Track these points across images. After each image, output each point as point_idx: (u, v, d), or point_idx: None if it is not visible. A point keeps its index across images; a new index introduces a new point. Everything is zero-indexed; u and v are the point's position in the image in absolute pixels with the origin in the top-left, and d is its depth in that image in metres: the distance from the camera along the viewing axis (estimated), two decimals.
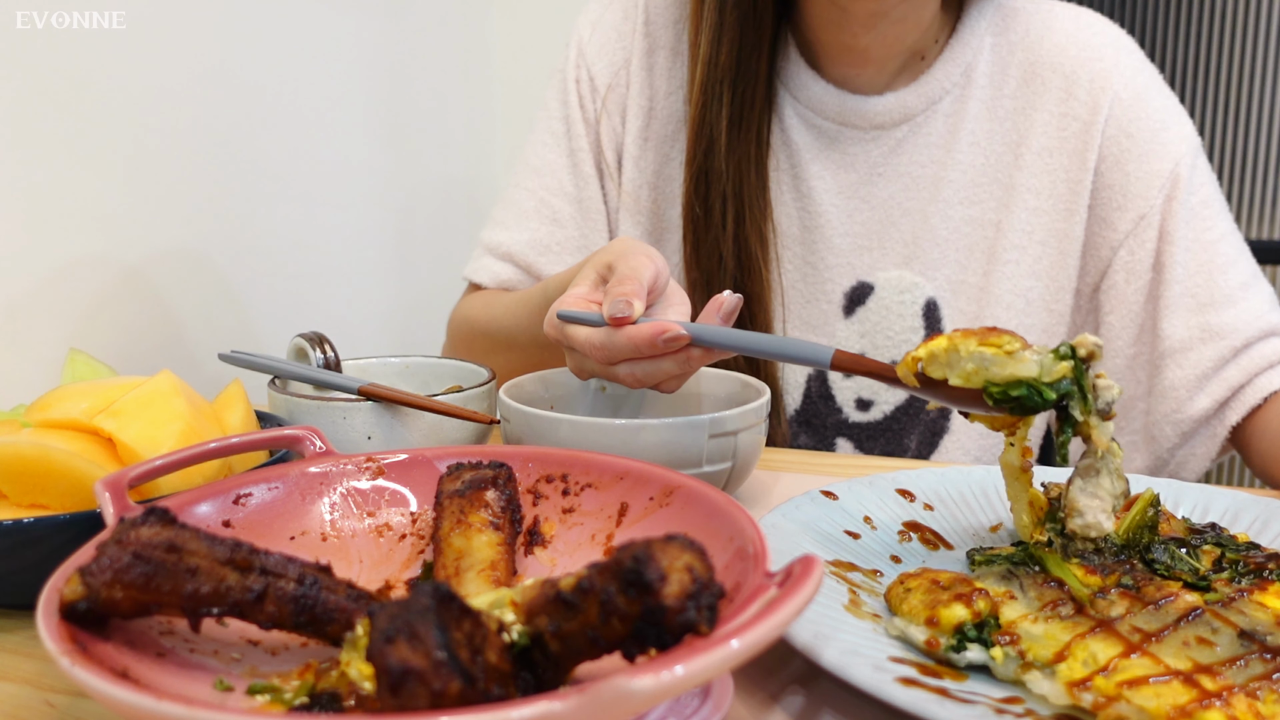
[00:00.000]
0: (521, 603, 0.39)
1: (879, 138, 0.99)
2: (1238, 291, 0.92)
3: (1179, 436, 0.92)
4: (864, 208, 0.99)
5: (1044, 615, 0.51)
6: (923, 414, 0.99)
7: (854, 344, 1.00)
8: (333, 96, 1.40)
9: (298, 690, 0.43)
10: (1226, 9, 2.27)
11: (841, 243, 1.00)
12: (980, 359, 0.54)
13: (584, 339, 0.68)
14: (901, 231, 0.99)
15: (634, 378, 0.68)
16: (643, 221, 1.04)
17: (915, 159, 0.99)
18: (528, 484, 0.57)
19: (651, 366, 0.68)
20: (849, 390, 1.01)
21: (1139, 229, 0.94)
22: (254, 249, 1.25)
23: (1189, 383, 0.91)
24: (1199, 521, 0.63)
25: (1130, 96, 0.95)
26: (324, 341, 0.81)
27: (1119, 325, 0.95)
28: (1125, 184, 0.94)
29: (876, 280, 0.99)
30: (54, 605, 0.40)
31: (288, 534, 0.54)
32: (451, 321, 1.09)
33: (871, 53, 0.96)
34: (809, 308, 1.01)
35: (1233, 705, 0.43)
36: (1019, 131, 0.98)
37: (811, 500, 0.64)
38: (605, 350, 0.67)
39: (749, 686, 0.50)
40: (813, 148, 1.00)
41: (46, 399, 0.64)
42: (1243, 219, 2.31)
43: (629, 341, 0.66)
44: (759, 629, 0.33)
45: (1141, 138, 0.94)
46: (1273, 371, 0.89)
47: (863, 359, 0.61)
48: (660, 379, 0.69)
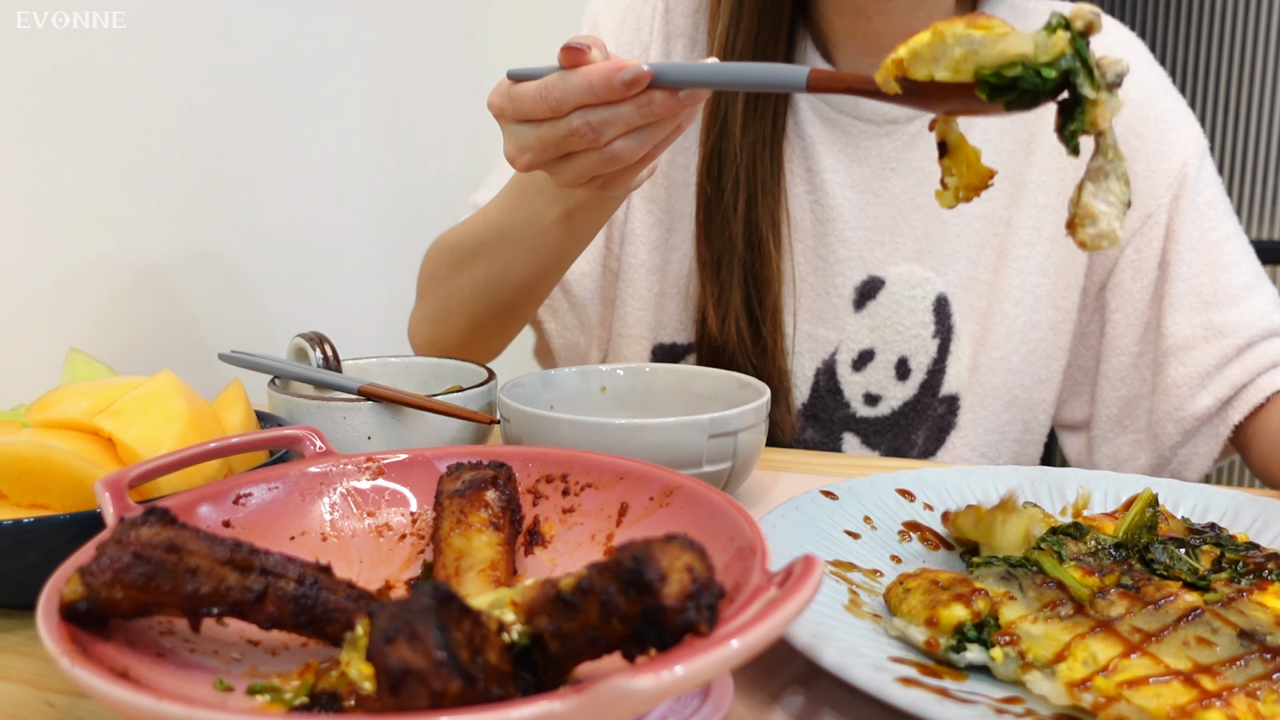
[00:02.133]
0: (521, 603, 0.39)
1: (893, 132, 0.99)
2: (1242, 291, 0.92)
3: (1181, 435, 0.92)
4: (876, 202, 0.99)
5: (1044, 615, 0.51)
6: (930, 410, 0.99)
7: (864, 338, 1.00)
8: (333, 96, 1.40)
9: (298, 690, 0.43)
10: (1227, 9, 2.27)
11: (853, 236, 1.00)
12: (969, 42, 0.49)
13: (533, 91, 0.62)
14: (913, 227, 0.99)
15: (589, 126, 0.61)
16: (655, 211, 1.04)
17: (929, 154, 0.98)
18: (528, 484, 0.57)
19: (609, 113, 0.61)
20: (857, 385, 1.01)
21: (1146, 227, 0.94)
22: (254, 249, 1.25)
23: (1192, 380, 0.91)
24: (1198, 521, 0.63)
25: (1140, 97, 0.95)
26: (324, 341, 0.81)
27: (1124, 323, 0.96)
28: (1133, 183, 0.94)
29: (887, 275, 0.99)
30: (54, 605, 0.40)
31: (288, 534, 0.54)
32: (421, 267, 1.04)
33: (883, 40, 0.95)
34: (819, 300, 1.01)
35: (1233, 705, 0.43)
36: (1029, 129, 0.98)
37: (811, 500, 0.64)
38: (556, 96, 0.61)
39: (749, 686, 0.50)
40: (826, 140, 0.99)
41: (46, 399, 0.64)
42: (1244, 219, 2.31)
43: (583, 80, 0.60)
44: (759, 629, 0.33)
45: (1150, 137, 0.95)
46: (1275, 371, 0.89)
47: (838, 74, 0.56)
48: (619, 130, 0.62)
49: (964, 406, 0.99)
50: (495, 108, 0.66)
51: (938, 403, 0.99)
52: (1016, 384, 0.98)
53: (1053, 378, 0.99)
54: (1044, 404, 1.00)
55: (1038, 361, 0.99)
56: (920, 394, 0.99)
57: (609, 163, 0.64)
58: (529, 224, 0.85)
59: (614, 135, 0.62)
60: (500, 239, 0.88)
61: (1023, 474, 0.70)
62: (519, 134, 0.65)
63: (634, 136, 0.63)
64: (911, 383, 1.00)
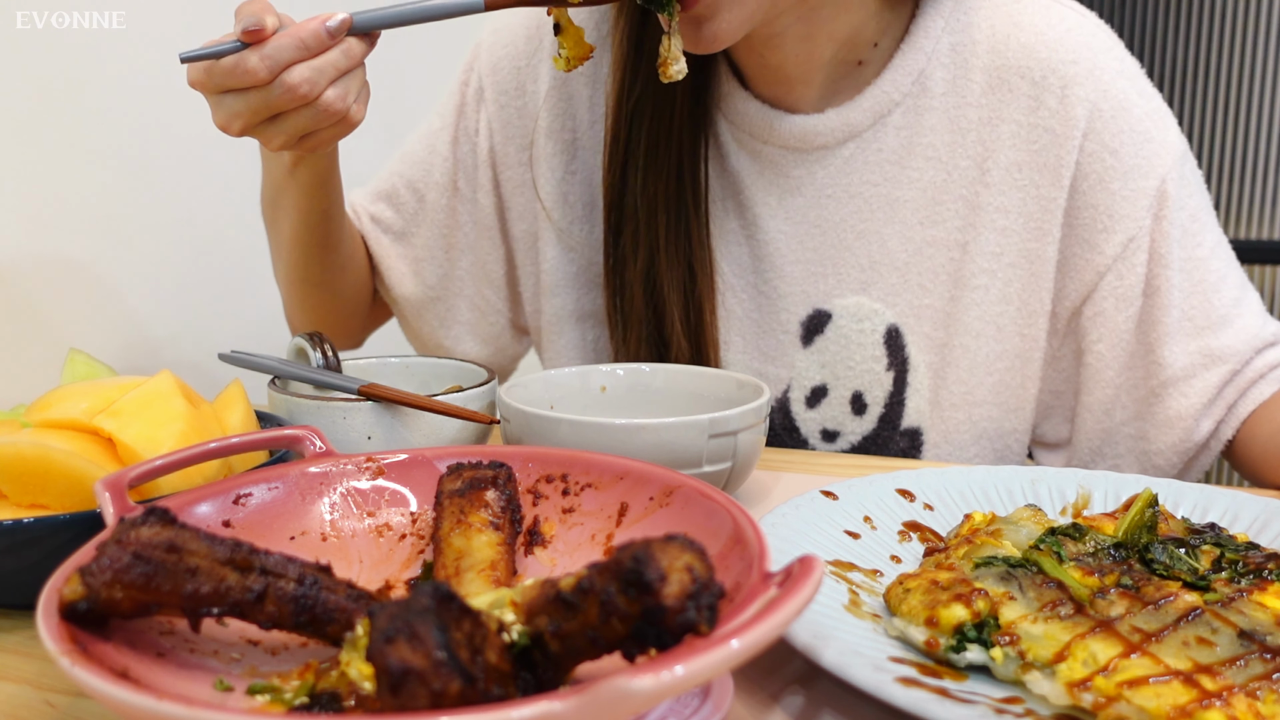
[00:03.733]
0: (521, 603, 0.40)
1: (824, 158, 0.92)
2: (1232, 310, 0.88)
3: (1184, 464, 0.90)
4: (815, 232, 0.93)
5: (1044, 615, 0.51)
6: (892, 443, 0.95)
7: (815, 374, 0.95)
8: None
9: (298, 690, 0.43)
10: (1225, 9, 2.27)
11: (793, 270, 0.94)
12: None
13: (240, 60, 0.66)
14: (857, 256, 0.93)
15: (307, 82, 0.67)
16: (576, 259, 1.01)
17: (866, 178, 0.92)
18: (528, 484, 0.57)
19: (323, 62, 0.67)
20: (813, 422, 0.96)
21: (1128, 252, 0.87)
22: (254, 249, 1.25)
23: (1195, 411, 0.87)
24: (1198, 522, 0.63)
25: (1111, 108, 0.87)
26: (324, 341, 0.81)
27: (1109, 354, 0.89)
28: (1110, 204, 0.87)
29: (833, 308, 0.94)
30: (54, 605, 0.40)
31: (288, 534, 0.54)
32: None
33: (787, 70, 0.89)
34: (765, 338, 0.96)
35: (1233, 705, 0.43)
36: (985, 145, 0.90)
37: (811, 500, 0.64)
38: (270, 58, 0.65)
39: (749, 686, 0.50)
40: (753, 173, 0.94)
41: (46, 399, 0.64)
42: (1240, 220, 2.31)
43: (295, 38, 0.66)
44: (759, 629, 0.33)
45: (1125, 153, 0.87)
46: (1263, 381, 0.87)
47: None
48: (331, 77, 0.68)
49: (928, 441, 0.94)
50: (197, 84, 0.70)
51: (899, 436, 0.95)
52: (983, 416, 0.93)
53: (1023, 407, 0.94)
54: (1016, 433, 0.95)
55: (1005, 392, 0.93)
56: (880, 428, 0.95)
57: (321, 117, 0.70)
58: (272, 185, 0.93)
59: (325, 86, 0.68)
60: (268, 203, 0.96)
61: (1022, 474, 0.70)
62: (226, 103, 0.69)
63: (339, 84, 0.70)
64: (869, 417, 0.95)
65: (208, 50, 0.67)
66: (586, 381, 0.81)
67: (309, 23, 0.66)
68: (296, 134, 0.71)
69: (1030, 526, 0.61)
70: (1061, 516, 0.67)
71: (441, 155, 1.04)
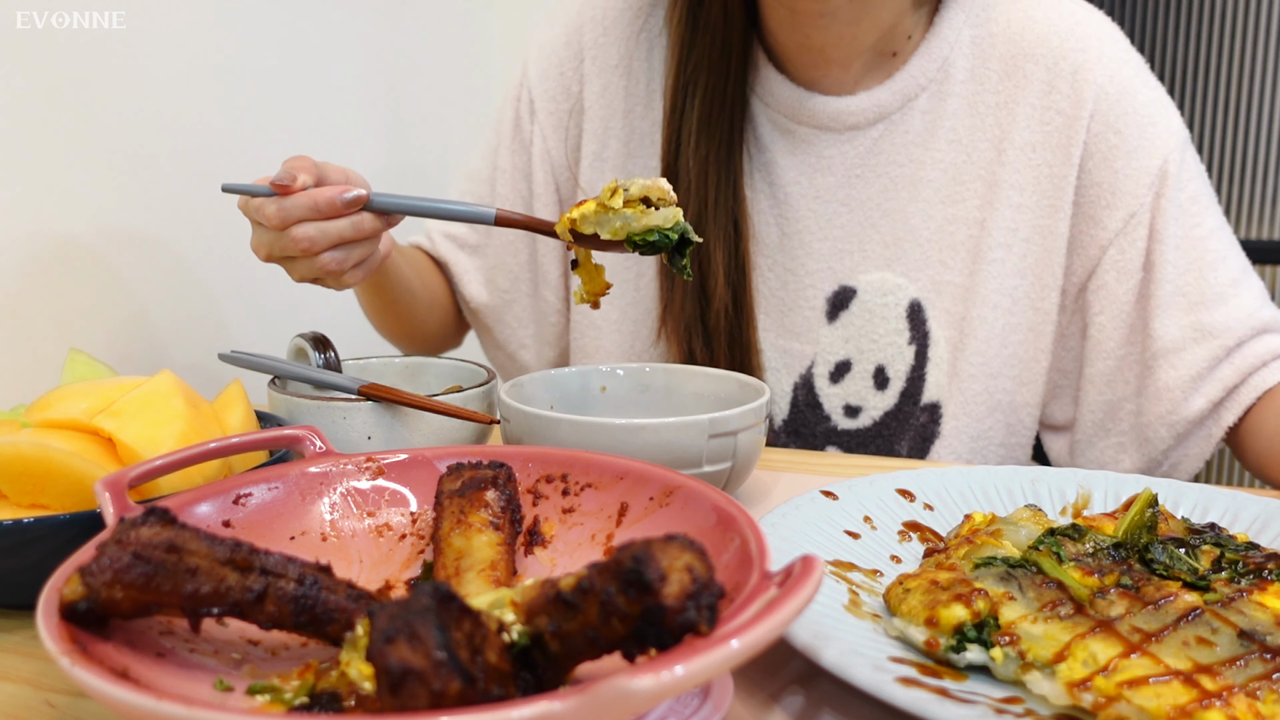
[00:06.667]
0: (521, 603, 0.39)
1: (854, 138, 0.97)
2: (1229, 289, 0.90)
3: (1174, 438, 0.91)
4: (843, 210, 0.98)
5: (1043, 615, 0.51)
6: (912, 419, 0.98)
7: (839, 349, 0.99)
8: (333, 96, 1.40)
9: (298, 690, 0.43)
10: (1226, 9, 2.27)
11: (821, 247, 0.99)
12: (624, 218, 0.68)
13: (259, 206, 0.75)
14: (882, 233, 0.97)
15: (308, 239, 0.74)
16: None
17: (893, 158, 0.97)
18: (528, 484, 0.57)
19: (330, 226, 0.75)
20: (836, 397, 1.00)
21: (1129, 228, 0.92)
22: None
23: (1183, 384, 0.90)
24: (1198, 521, 0.63)
25: (1116, 91, 0.93)
26: (324, 341, 0.82)
27: (1109, 326, 0.94)
28: (1114, 182, 0.92)
29: (859, 284, 0.98)
30: (54, 605, 0.40)
31: (288, 534, 0.54)
32: None
33: (829, 52, 0.94)
34: (791, 314, 1.00)
35: (1233, 705, 0.43)
36: (1001, 127, 0.95)
37: (811, 500, 0.64)
38: (285, 210, 0.74)
39: (749, 686, 0.50)
40: (786, 152, 0.99)
41: (46, 399, 0.64)
42: (1241, 219, 2.31)
43: (310, 198, 0.74)
44: (759, 629, 0.33)
45: (1129, 134, 0.92)
46: (1266, 369, 0.88)
47: (524, 216, 0.74)
48: (333, 241, 0.75)
49: (946, 414, 0.97)
50: (241, 207, 0.79)
51: (919, 411, 0.98)
52: (998, 388, 0.97)
53: (1035, 380, 0.97)
54: (1028, 406, 0.98)
55: (1019, 364, 0.97)
56: (901, 403, 0.98)
57: (319, 271, 0.78)
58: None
59: (325, 247, 0.76)
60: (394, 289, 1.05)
61: (1022, 474, 0.70)
62: (257, 234, 0.79)
63: (341, 249, 0.77)
64: (891, 392, 0.98)
65: (244, 186, 0.77)
66: (586, 381, 0.81)
67: (329, 189, 0.74)
68: (307, 276, 0.79)
69: (1030, 527, 0.61)
70: (1061, 516, 0.67)
71: (503, 169, 1.11)
